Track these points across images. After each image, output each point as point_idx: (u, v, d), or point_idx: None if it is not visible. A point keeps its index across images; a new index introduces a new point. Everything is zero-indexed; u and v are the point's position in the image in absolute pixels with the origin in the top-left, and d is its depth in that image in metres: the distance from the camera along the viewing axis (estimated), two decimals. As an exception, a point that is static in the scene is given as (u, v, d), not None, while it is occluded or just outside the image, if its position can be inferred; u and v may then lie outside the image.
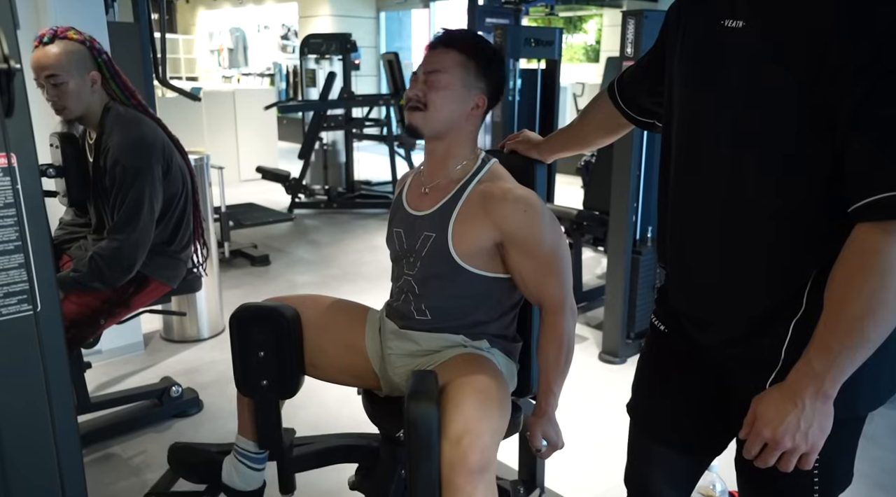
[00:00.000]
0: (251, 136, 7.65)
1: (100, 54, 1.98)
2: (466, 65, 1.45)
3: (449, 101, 1.44)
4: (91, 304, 2.02)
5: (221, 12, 12.94)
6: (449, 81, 1.44)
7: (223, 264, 4.25)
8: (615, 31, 11.24)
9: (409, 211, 1.55)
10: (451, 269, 1.46)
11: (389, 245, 1.61)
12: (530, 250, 1.44)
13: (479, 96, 1.47)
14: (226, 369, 2.95)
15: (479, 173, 1.49)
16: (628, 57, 2.72)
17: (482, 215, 1.44)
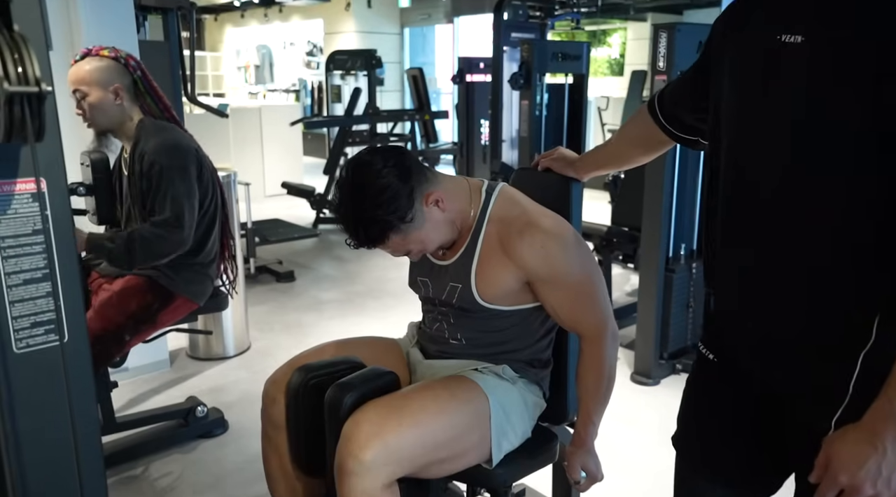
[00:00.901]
0: (277, 151, 7.70)
1: (135, 70, 2.05)
2: (397, 232, 1.32)
3: (429, 240, 1.38)
4: (115, 319, 2.00)
5: (248, 29, 13.13)
6: (414, 241, 1.36)
7: (248, 280, 4.25)
8: (639, 44, 11.17)
9: (432, 260, 1.50)
10: (483, 311, 1.42)
11: (415, 289, 1.57)
12: (558, 283, 1.38)
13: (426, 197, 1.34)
14: (251, 388, 2.92)
15: (488, 209, 1.42)
16: (660, 70, 2.67)
17: (502, 257, 1.38)
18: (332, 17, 10.69)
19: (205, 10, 12.47)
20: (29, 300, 0.77)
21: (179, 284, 2.10)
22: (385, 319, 3.81)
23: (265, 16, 11.91)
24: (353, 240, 1.35)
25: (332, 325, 3.71)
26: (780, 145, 0.98)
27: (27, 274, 0.76)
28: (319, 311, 3.94)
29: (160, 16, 4.08)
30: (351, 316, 3.87)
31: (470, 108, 6.66)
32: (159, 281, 2.07)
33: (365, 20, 10.54)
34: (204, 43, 13.58)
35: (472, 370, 1.44)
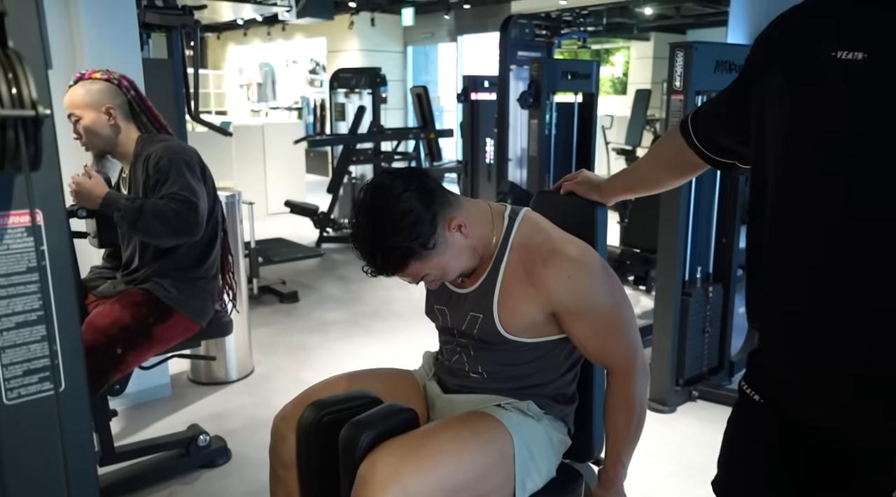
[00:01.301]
0: (279, 169, 7.65)
1: (128, 90, 2.03)
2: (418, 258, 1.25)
3: (452, 269, 1.32)
4: (107, 330, 1.92)
5: (251, 47, 13.15)
6: (437, 273, 1.30)
7: (251, 301, 4.16)
8: (643, 63, 11.20)
9: (451, 288, 1.42)
10: (507, 344, 1.34)
11: (432, 319, 1.49)
12: (585, 314, 1.30)
13: (448, 222, 1.27)
14: (255, 414, 2.83)
15: (511, 235, 1.35)
16: (677, 90, 2.61)
17: (526, 287, 1.30)
18: (335, 36, 10.71)
19: (208, 29, 12.51)
20: (22, 345, 0.69)
21: (179, 299, 2.03)
22: (392, 341, 3.72)
23: (268, 34, 11.94)
24: (371, 267, 1.27)
25: (337, 348, 3.62)
26: (836, 171, 0.91)
27: (20, 316, 0.68)
28: (324, 333, 3.85)
29: (164, 34, 4.05)
30: (357, 337, 3.78)
31: (475, 127, 6.62)
32: (157, 294, 2.00)
33: (368, 38, 10.55)
34: (206, 61, 13.59)
35: (495, 406, 1.35)
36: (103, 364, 1.93)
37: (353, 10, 9.68)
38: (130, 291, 2.03)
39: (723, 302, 3.00)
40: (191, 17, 3.88)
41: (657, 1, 7.82)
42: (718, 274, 2.99)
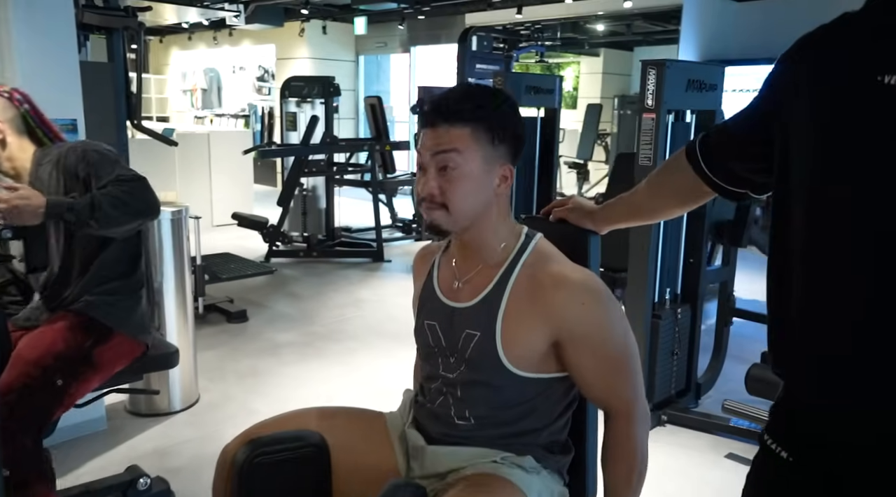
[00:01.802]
0: (226, 179, 7.35)
1: (21, 104, 1.89)
2: (478, 136, 1.17)
3: (471, 192, 1.18)
4: (40, 362, 1.71)
5: (196, 52, 12.71)
6: (466, 169, 1.17)
7: (197, 321, 3.91)
8: (593, 78, 11.35)
9: (445, 301, 1.28)
10: (501, 375, 1.21)
11: (419, 339, 1.34)
12: (594, 348, 1.19)
13: (502, 166, 1.21)
14: (201, 449, 2.61)
15: (524, 254, 1.24)
16: (649, 108, 2.54)
17: (531, 309, 1.18)
18: (285, 43, 10.44)
19: (150, 32, 12.02)
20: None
21: (116, 318, 1.86)
22: (348, 364, 3.54)
23: (214, 39, 11.56)
24: (442, 102, 1.17)
25: (290, 373, 3.41)
26: (884, 204, 0.82)
27: None
28: (276, 356, 3.64)
29: (104, 36, 3.79)
30: (311, 361, 3.59)
31: (430, 139, 6.50)
32: (91, 314, 1.83)
33: (319, 47, 10.33)
34: (148, 65, 13.07)
35: (492, 462, 1.21)
36: (43, 400, 1.72)
37: (305, 18, 9.45)
38: (59, 316, 1.84)
39: (691, 323, 2.95)
40: (134, 18, 3.64)
41: (609, 18, 7.90)
42: (686, 294, 2.94)
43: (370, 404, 1.52)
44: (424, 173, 1.20)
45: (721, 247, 3.18)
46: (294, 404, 3.19)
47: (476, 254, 1.26)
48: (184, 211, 2.92)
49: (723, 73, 2.73)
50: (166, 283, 2.88)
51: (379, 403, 2.94)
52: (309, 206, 6.10)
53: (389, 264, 5.79)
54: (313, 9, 8.65)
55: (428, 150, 1.18)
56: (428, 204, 1.19)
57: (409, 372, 1.57)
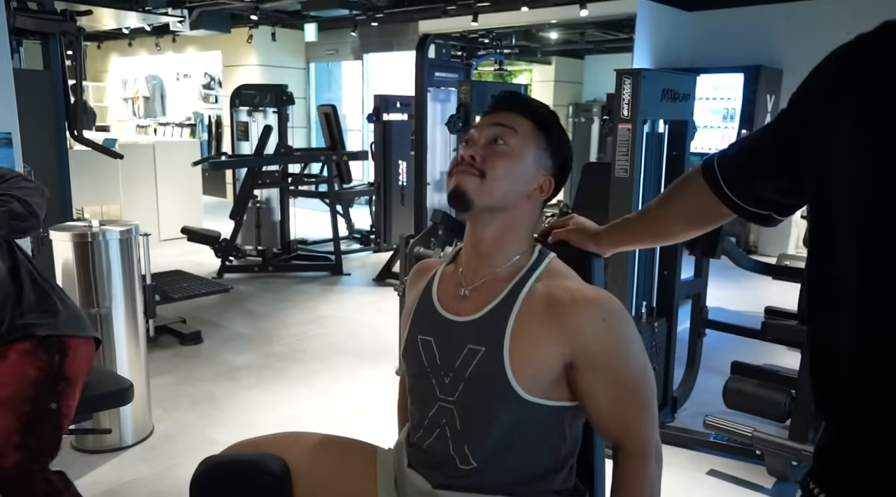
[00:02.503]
0: (173, 191, 7.04)
1: None
2: (538, 136, 1.16)
3: (513, 170, 1.13)
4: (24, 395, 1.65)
5: (137, 59, 12.23)
6: (516, 150, 1.13)
7: (149, 344, 3.68)
8: (545, 86, 11.40)
9: (444, 314, 1.17)
10: (506, 399, 1.09)
11: (410, 358, 1.21)
12: (612, 372, 1.09)
13: (545, 177, 1.17)
14: (158, 488, 2.41)
15: (537, 269, 1.15)
16: (624, 119, 2.48)
17: (547, 326, 1.08)
18: (232, 50, 10.13)
19: (87, 38, 11.51)
20: None
21: (60, 324, 1.80)
22: (312, 387, 3.37)
23: (157, 45, 11.14)
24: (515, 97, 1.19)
25: (250, 397, 3.22)
26: None
27: None
28: (234, 380, 3.44)
29: (38, 42, 3.53)
30: (271, 384, 3.40)
31: (387, 148, 6.38)
32: (37, 332, 1.75)
33: (268, 54, 10.06)
34: (86, 72, 12.53)
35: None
36: (46, 430, 1.67)
37: (253, 24, 9.18)
38: (6, 350, 1.73)
39: (667, 336, 2.91)
40: (73, 23, 3.40)
41: (563, 26, 7.94)
42: (662, 307, 2.89)
43: (338, 428, 1.41)
44: (471, 144, 1.16)
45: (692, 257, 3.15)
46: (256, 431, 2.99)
47: (487, 260, 1.17)
48: (134, 230, 2.71)
49: (695, 83, 2.70)
50: (115, 307, 2.66)
51: (347, 427, 2.81)
52: (263, 218, 5.89)
53: (349, 277, 5.62)
54: (262, 15, 8.41)
55: (485, 125, 1.16)
56: (465, 168, 1.12)
57: (376, 393, 1.45)
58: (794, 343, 3.04)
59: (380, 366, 3.55)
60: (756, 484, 2.49)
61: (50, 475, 1.65)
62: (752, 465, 2.58)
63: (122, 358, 2.71)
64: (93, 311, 2.58)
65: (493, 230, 1.15)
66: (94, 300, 2.60)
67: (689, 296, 3.14)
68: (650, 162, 2.65)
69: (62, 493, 1.66)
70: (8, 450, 1.57)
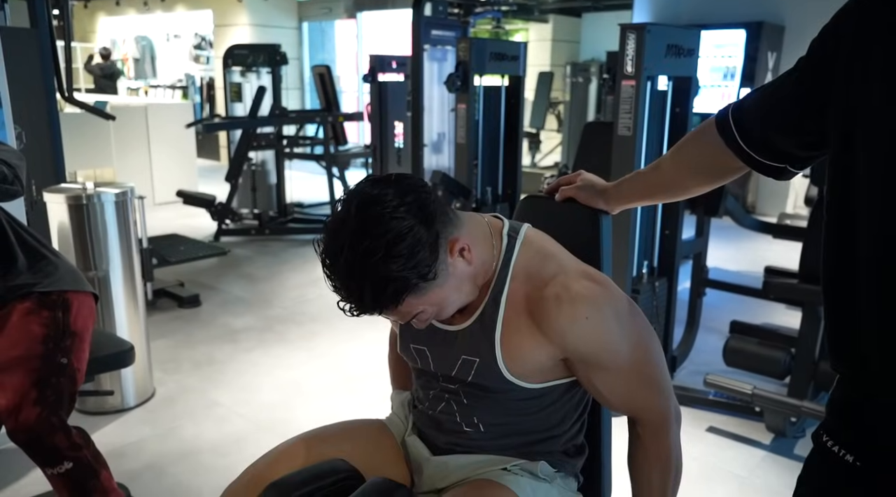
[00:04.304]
0: (167, 154, 6.96)
1: None
2: (412, 294, 0.97)
3: (448, 302, 1.03)
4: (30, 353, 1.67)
5: (125, 19, 11.96)
6: (436, 307, 1.03)
7: (147, 308, 3.67)
8: (542, 45, 11.21)
9: (434, 324, 1.11)
10: (508, 390, 1.08)
11: (407, 358, 1.19)
12: (607, 364, 1.05)
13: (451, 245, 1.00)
14: (161, 448, 2.42)
15: (512, 260, 1.07)
16: (628, 75, 2.43)
17: (531, 327, 1.04)
18: (222, 9, 9.91)
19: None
20: None
21: (58, 280, 1.80)
22: (312, 349, 3.37)
23: (145, 4, 10.89)
24: (353, 304, 0.96)
25: (251, 360, 3.23)
26: None
27: None
28: (234, 342, 3.44)
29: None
30: (272, 347, 3.40)
31: (383, 109, 6.27)
32: (38, 289, 1.76)
33: (259, 13, 9.84)
34: (72, 32, 12.26)
35: (501, 469, 1.09)
36: (61, 384, 1.69)
37: (243, -18, 8.98)
38: (8, 311, 1.73)
39: (667, 296, 2.90)
40: (58, -22, 3.29)
41: (561, -17, 7.76)
42: (663, 267, 2.88)
43: (339, 390, 1.39)
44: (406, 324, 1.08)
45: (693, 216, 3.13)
46: (258, 393, 3.00)
47: None
48: (129, 192, 2.67)
49: (699, 38, 2.64)
50: (113, 270, 2.64)
51: (348, 389, 2.82)
52: (258, 181, 5.82)
53: (346, 240, 5.59)
54: (253, -28, 8.20)
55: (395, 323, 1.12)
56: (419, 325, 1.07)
57: (377, 354, 1.43)
58: (795, 302, 3.04)
59: (378, 328, 3.52)
60: (754, 440, 2.52)
61: (69, 429, 1.67)
62: (750, 422, 2.60)
63: (122, 321, 2.70)
64: (90, 274, 2.56)
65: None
66: (91, 263, 2.57)
67: (690, 255, 3.13)
68: (654, 120, 2.61)
69: (82, 448, 1.68)
70: (26, 405, 1.59)
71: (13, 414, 1.59)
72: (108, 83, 10.21)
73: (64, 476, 1.64)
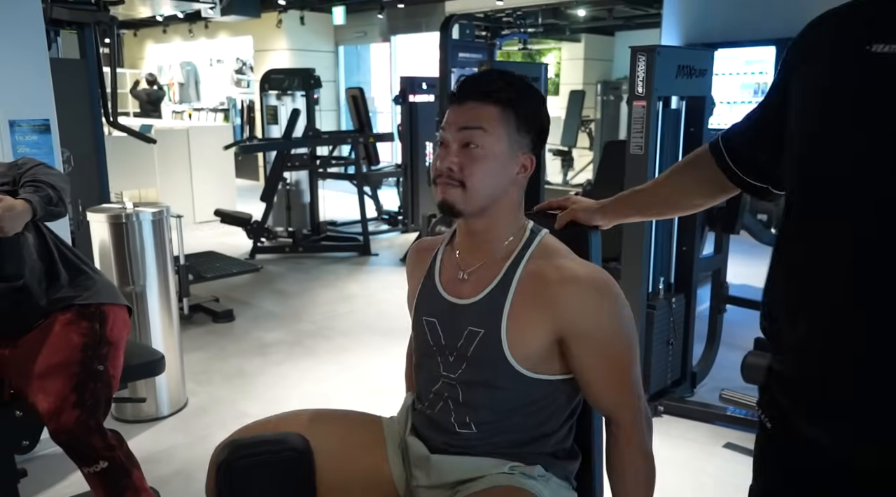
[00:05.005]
0: (207, 175, 7.23)
1: None
2: (507, 119, 1.14)
3: (492, 173, 1.14)
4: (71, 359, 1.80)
5: (171, 45, 12.48)
6: (490, 148, 1.13)
7: (182, 322, 3.83)
8: (574, 64, 11.29)
9: (446, 297, 1.23)
10: (505, 374, 1.15)
11: (418, 338, 1.28)
12: (599, 346, 1.13)
13: (525, 156, 1.18)
14: (191, 456, 2.54)
15: (530, 247, 1.19)
16: (639, 96, 2.49)
17: (539, 305, 1.13)
18: (262, 34, 10.27)
19: (123, 26, 11.77)
20: None
21: (95, 293, 1.94)
22: (340, 363, 3.48)
23: (190, 32, 11.34)
24: (479, 81, 1.18)
25: (280, 373, 3.35)
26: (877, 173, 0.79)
27: None
28: (264, 356, 3.57)
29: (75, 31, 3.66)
30: (301, 360, 3.52)
31: (413, 130, 6.43)
32: (77, 302, 1.89)
33: (298, 38, 10.17)
34: (123, 59, 12.82)
35: (504, 474, 1.17)
36: (98, 390, 1.82)
37: (282, 8, 9.29)
38: (47, 322, 1.86)
39: (685, 312, 2.93)
40: (106, 12, 3.52)
41: (590, 3, 7.84)
42: (680, 283, 2.91)
43: (365, 403, 1.48)
44: (446, 149, 1.16)
45: (712, 233, 3.15)
46: (285, 405, 3.11)
47: (482, 245, 1.21)
48: (165, 211, 2.83)
49: (712, 58, 2.69)
50: (149, 285, 2.80)
51: (374, 402, 2.91)
52: (293, 200, 6.01)
53: (377, 258, 5.72)
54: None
55: (453, 125, 1.15)
56: (445, 180, 1.14)
57: (403, 369, 1.52)
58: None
59: (404, 344, 3.63)
60: (772, 457, 2.51)
61: (105, 431, 1.80)
62: (768, 439, 2.60)
63: (157, 333, 2.85)
64: (128, 289, 2.72)
65: (485, 221, 1.19)
66: (129, 278, 2.73)
67: (710, 272, 3.15)
68: (667, 139, 2.66)
69: (116, 449, 1.80)
70: (66, 408, 1.73)
71: (55, 416, 1.72)
72: (152, 108, 10.64)
73: (100, 474, 1.77)
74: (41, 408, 1.73)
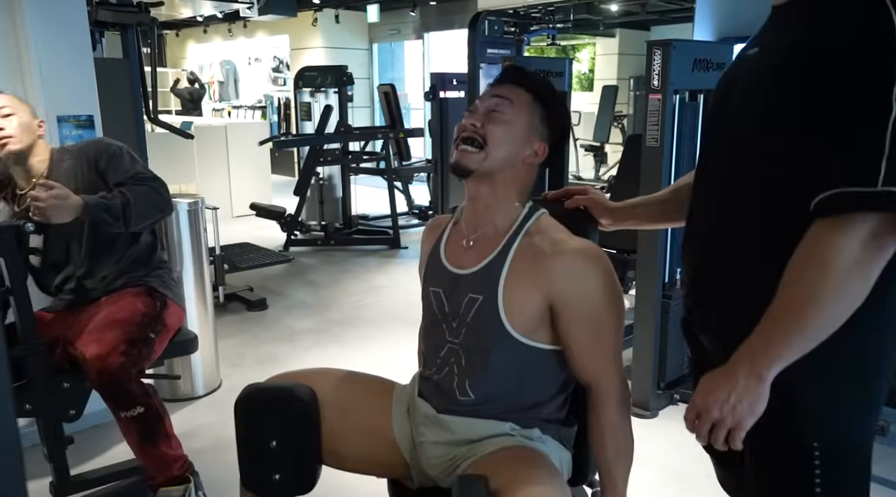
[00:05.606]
0: (244, 170, 7.45)
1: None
2: (534, 107, 1.30)
3: (510, 138, 1.26)
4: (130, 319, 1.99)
5: (211, 45, 12.83)
6: (512, 119, 1.27)
7: (217, 310, 4.00)
8: (608, 59, 11.23)
9: (450, 268, 1.34)
10: (501, 339, 1.25)
11: (426, 307, 1.40)
12: (584, 316, 1.23)
13: (540, 144, 1.30)
14: (223, 433, 2.69)
15: (527, 223, 1.29)
16: (655, 89, 2.54)
17: (532, 274, 1.24)
18: (298, 33, 10.49)
19: (166, 26, 12.16)
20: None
21: (169, 288, 2.16)
22: (365, 349, 3.61)
23: (229, 31, 11.65)
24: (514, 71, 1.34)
25: (307, 358, 3.49)
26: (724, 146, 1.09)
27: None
28: (294, 342, 3.72)
29: (118, 32, 3.86)
30: (328, 346, 3.66)
31: (443, 125, 6.51)
32: (152, 284, 2.12)
33: (332, 36, 10.36)
34: (165, 59, 13.21)
35: (507, 436, 1.27)
36: (144, 350, 1.99)
37: (317, 7, 9.49)
38: (121, 292, 2.09)
39: (702, 303, 2.96)
40: (147, 14, 3.70)
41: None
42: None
43: None
44: (473, 112, 1.29)
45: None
46: (311, 388, 3.22)
47: (483, 213, 1.31)
48: (200, 202, 2.99)
49: (731, 52, 2.71)
50: (186, 272, 2.96)
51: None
52: (325, 194, 6.17)
53: (406, 251, 5.84)
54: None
55: (486, 96, 1.31)
56: (466, 135, 1.26)
57: None
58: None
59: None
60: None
61: (142, 381, 1.99)
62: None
63: (193, 318, 3.00)
64: (166, 275, 2.88)
65: (489, 188, 1.29)
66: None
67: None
68: (684, 132, 2.70)
69: (151, 397, 2.00)
70: (114, 353, 1.89)
71: (102, 359, 1.87)
72: (193, 106, 10.96)
73: (136, 419, 1.95)
74: (90, 354, 1.87)
